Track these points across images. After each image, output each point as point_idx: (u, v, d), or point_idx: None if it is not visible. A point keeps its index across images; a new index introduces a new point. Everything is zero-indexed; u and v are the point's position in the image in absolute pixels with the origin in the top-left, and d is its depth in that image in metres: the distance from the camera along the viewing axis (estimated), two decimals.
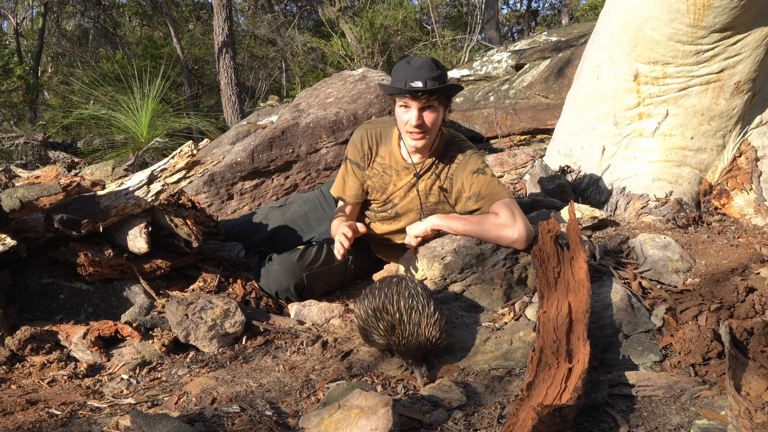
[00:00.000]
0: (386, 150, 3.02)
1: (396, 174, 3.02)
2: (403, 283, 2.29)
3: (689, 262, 2.77)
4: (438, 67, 2.73)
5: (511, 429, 1.81)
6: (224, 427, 1.95)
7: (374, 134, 3.04)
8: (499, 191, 2.82)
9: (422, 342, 2.19)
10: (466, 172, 2.89)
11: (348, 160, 3.09)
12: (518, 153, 4.72)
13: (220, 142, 5.61)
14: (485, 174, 2.86)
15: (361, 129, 3.08)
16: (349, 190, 3.12)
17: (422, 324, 2.18)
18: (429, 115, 2.78)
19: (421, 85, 2.68)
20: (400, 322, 2.19)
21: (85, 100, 9.36)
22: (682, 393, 2.03)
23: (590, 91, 3.74)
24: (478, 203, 2.85)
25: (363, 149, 3.04)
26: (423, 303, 2.21)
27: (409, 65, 2.74)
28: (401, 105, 2.80)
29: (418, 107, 2.75)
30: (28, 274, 2.83)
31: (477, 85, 6.86)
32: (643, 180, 3.48)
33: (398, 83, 2.72)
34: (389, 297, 2.25)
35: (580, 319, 2.22)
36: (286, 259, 3.04)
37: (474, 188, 2.85)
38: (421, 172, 2.97)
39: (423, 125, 2.79)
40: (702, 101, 3.34)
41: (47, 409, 2.09)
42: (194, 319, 2.60)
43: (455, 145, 2.97)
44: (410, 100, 2.75)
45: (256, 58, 14.64)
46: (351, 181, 3.10)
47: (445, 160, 2.95)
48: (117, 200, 2.79)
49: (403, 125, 2.83)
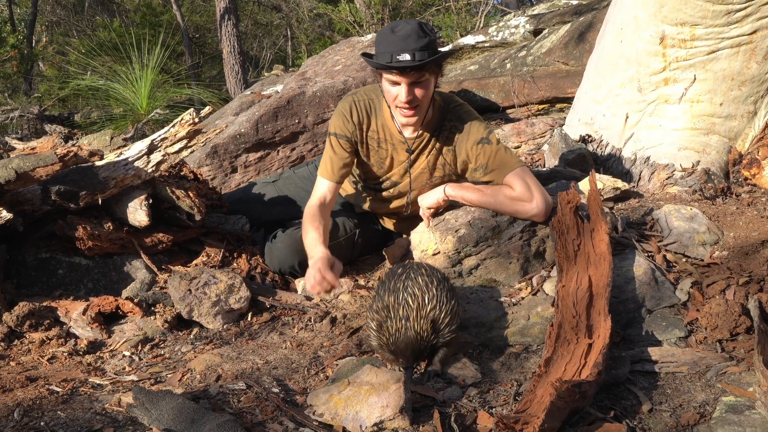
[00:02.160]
0: (378, 122, 2.87)
1: (393, 148, 2.91)
2: (404, 275, 2.13)
3: (717, 234, 2.75)
4: (425, 32, 2.57)
5: (528, 406, 1.81)
6: (230, 404, 1.97)
7: (364, 105, 2.87)
8: (508, 161, 2.76)
9: (411, 338, 2.01)
10: (469, 142, 2.80)
11: (335, 136, 2.86)
12: (536, 122, 4.68)
13: (223, 113, 5.60)
14: (490, 143, 2.77)
15: (347, 99, 2.90)
16: (339, 171, 2.88)
17: (410, 317, 2.01)
18: (420, 90, 2.64)
19: (409, 58, 2.52)
20: (387, 318, 2.05)
21: (82, 71, 9.36)
22: (707, 369, 2.03)
23: (613, 56, 3.69)
24: (488, 176, 2.79)
25: (353, 121, 2.85)
26: (414, 294, 2.05)
27: (394, 34, 2.56)
28: (389, 80, 2.65)
29: (407, 83, 2.60)
30: (25, 249, 2.86)
31: (493, 51, 6.78)
32: (669, 149, 3.44)
33: (383, 57, 2.56)
34: (381, 294, 2.12)
35: (601, 294, 2.21)
36: (290, 236, 3.02)
37: (480, 160, 2.78)
38: (416, 148, 2.87)
39: (414, 100, 2.65)
40: (732, 65, 3.29)
41: (48, 386, 2.12)
42: (198, 294, 2.62)
43: (452, 112, 2.85)
44: (398, 75, 2.59)
45: (260, 26, 14.56)
46: (339, 159, 2.87)
47: (445, 131, 2.85)
48: (116, 171, 2.80)
49: (392, 100, 2.70)
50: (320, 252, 2.62)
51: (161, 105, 6.96)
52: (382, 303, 2.09)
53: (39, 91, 10.54)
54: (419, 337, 2.02)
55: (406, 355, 2.04)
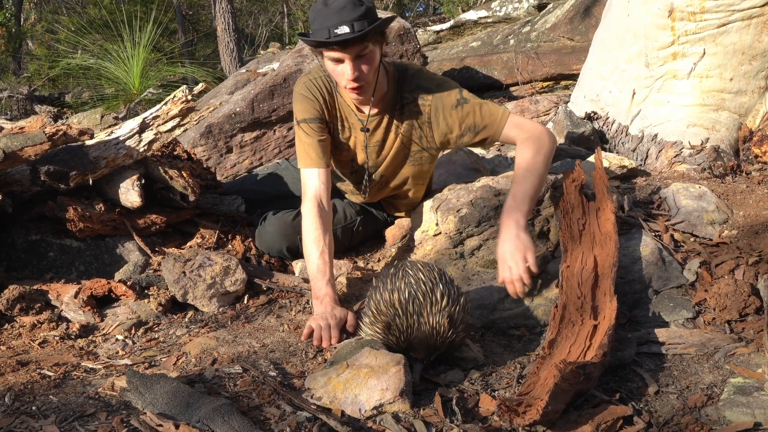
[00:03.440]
0: (338, 100, 2.75)
1: (352, 127, 2.79)
2: (399, 273, 2.08)
3: (726, 213, 2.74)
4: (361, 0, 2.42)
5: (532, 388, 1.82)
6: (226, 388, 1.98)
7: (322, 82, 2.72)
8: (494, 113, 2.65)
9: (427, 333, 1.97)
10: (446, 110, 2.67)
11: (304, 122, 2.69)
12: (540, 100, 4.67)
13: (218, 92, 5.58)
14: (468, 101, 2.66)
15: (301, 81, 2.73)
16: (323, 153, 2.69)
17: (423, 313, 1.97)
18: (365, 64, 2.51)
19: (348, 31, 2.37)
20: (395, 317, 1.99)
21: (72, 50, 9.32)
22: (716, 351, 2.03)
23: (620, 30, 3.67)
24: (479, 135, 2.68)
25: (317, 99, 2.69)
26: (423, 290, 2.00)
27: (327, 8, 2.41)
28: (331, 58, 2.51)
29: (351, 58, 2.47)
30: (14, 231, 2.85)
31: (496, 27, 6.76)
32: (677, 126, 3.43)
33: (320, 33, 2.41)
34: (381, 296, 2.06)
35: (606, 274, 2.21)
36: (279, 220, 2.96)
37: (468, 121, 2.66)
38: (374, 126, 2.75)
39: (361, 76, 2.51)
40: (743, 38, 3.27)
41: (39, 370, 2.12)
42: (192, 277, 2.61)
43: (409, 81, 2.72)
44: (340, 51, 2.45)
45: (255, 2, 14.48)
46: (318, 142, 2.68)
47: (408, 104, 2.72)
48: (107, 150, 2.78)
49: (340, 79, 2.56)
50: (328, 297, 2.43)
51: (154, 84, 6.94)
52: (386, 303, 2.02)
53: (28, 71, 10.51)
54: (435, 332, 1.97)
55: (420, 349, 1.99)
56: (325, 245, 2.54)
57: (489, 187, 2.80)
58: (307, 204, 2.62)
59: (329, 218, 2.66)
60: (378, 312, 2.04)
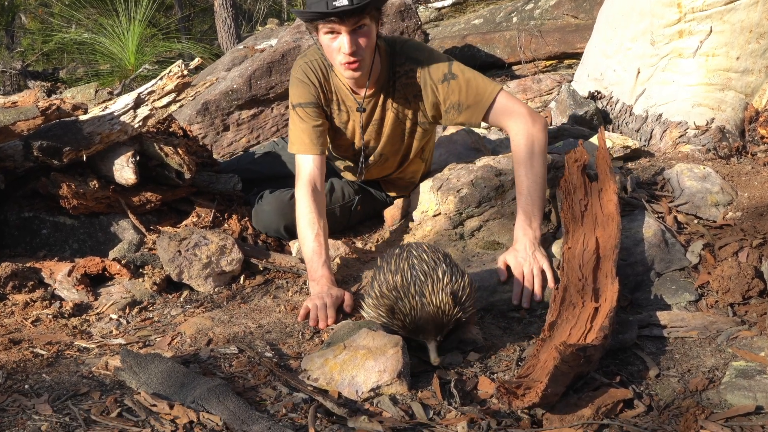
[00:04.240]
0: (334, 82, 2.73)
1: (349, 109, 2.78)
2: (404, 254, 2.06)
3: (730, 194, 2.73)
4: None
5: (531, 371, 1.81)
6: (221, 368, 1.97)
7: (318, 64, 2.70)
8: (482, 90, 2.61)
9: (432, 312, 1.94)
10: (433, 81, 2.66)
11: (300, 107, 2.67)
12: (543, 78, 4.64)
13: (215, 68, 5.53)
14: (456, 77, 2.63)
15: (298, 64, 2.73)
16: (318, 139, 2.67)
17: (426, 293, 1.95)
18: (363, 38, 2.50)
19: (346, 2, 2.36)
20: (397, 300, 1.97)
21: (66, 24, 9.25)
22: (718, 334, 2.03)
23: (625, 7, 3.63)
24: (463, 115, 2.66)
25: (313, 83, 2.68)
26: (425, 270, 1.99)
27: None
28: (327, 32, 2.50)
29: (348, 31, 2.45)
30: (7, 207, 2.84)
31: (498, 4, 6.70)
32: (682, 106, 3.40)
33: (318, 5, 2.40)
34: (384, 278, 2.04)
35: (608, 256, 2.20)
36: (276, 198, 2.95)
37: (452, 98, 2.65)
38: (370, 106, 2.74)
39: (358, 51, 2.50)
40: (751, 16, 3.23)
41: (32, 349, 2.11)
42: (188, 256, 2.61)
43: (400, 54, 2.70)
44: (337, 24, 2.44)
45: None
46: (313, 127, 2.67)
47: (401, 78, 2.70)
48: (101, 126, 2.76)
49: (335, 55, 2.54)
50: (324, 278, 2.43)
51: (150, 60, 6.91)
52: (388, 286, 2.01)
53: (21, 46, 10.43)
54: (440, 311, 1.95)
55: (427, 330, 1.96)
56: (320, 228, 2.54)
57: (490, 167, 2.79)
58: (301, 188, 2.62)
59: (323, 201, 2.67)
60: (381, 295, 2.03)
